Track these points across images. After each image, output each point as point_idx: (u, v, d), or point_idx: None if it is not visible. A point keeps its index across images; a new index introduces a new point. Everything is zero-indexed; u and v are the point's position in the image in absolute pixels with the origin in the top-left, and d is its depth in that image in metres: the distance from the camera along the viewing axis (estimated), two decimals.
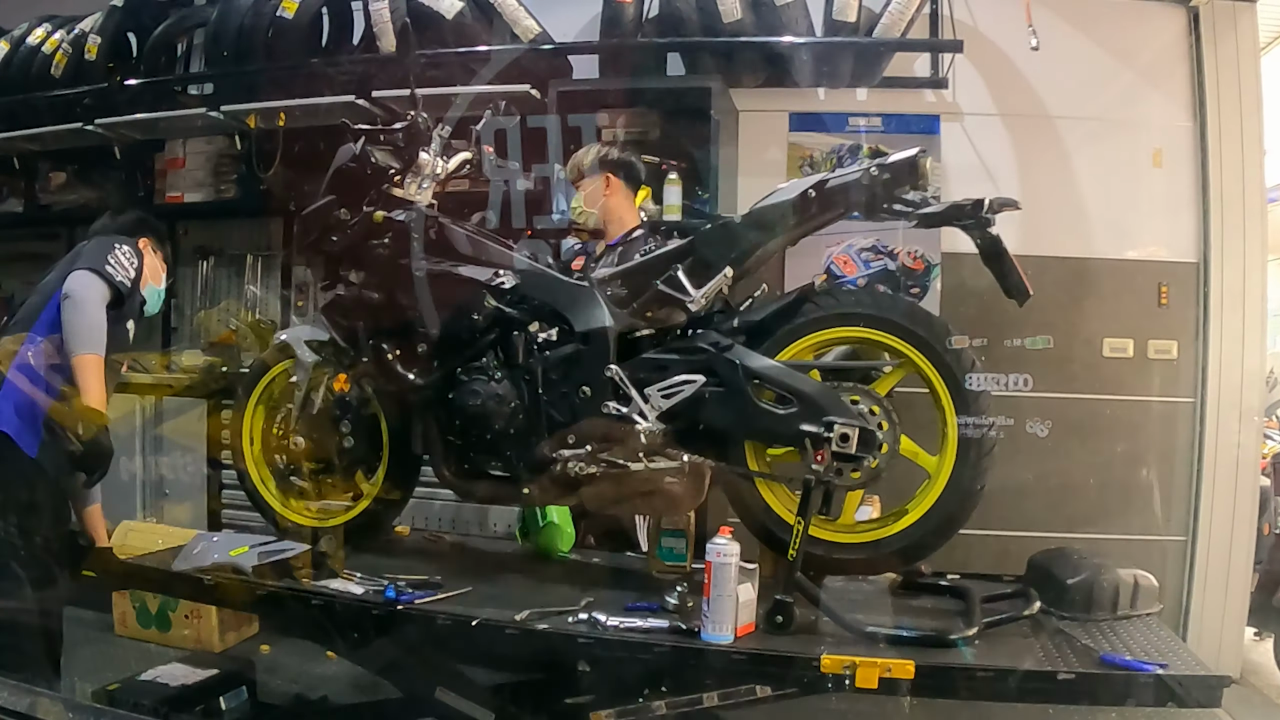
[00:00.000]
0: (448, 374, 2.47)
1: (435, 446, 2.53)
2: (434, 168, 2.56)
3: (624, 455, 2.30)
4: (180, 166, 4.36)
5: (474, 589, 2.34)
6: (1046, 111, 3.50)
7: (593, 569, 2.67)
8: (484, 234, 2.59)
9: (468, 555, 2.85)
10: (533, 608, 2.17)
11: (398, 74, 3.68)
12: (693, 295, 2.28)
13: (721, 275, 2.29)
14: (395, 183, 2.53)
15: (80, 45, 4.06)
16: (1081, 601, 2.21)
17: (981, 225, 2.18)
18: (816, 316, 2.30)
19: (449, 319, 2.46)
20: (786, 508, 2.31)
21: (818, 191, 2.24)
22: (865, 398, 2.24)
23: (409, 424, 2.57)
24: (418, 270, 2.47)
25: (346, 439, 2.66)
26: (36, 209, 4.65)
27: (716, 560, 2.01)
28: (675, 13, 3.39)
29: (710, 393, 2.26)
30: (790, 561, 2.16)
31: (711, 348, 2.27)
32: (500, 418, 2.40)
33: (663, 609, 2.18)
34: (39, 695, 1.98)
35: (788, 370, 2.25)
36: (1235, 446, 3.36)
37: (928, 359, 2.24)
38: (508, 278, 2.44)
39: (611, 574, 2.58)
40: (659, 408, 2.28)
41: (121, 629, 3.49)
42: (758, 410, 2.25)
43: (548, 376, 2.37)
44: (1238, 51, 3.41)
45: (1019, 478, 3.36)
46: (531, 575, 2.55)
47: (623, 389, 2.29)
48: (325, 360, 2.67)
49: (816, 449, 2.16)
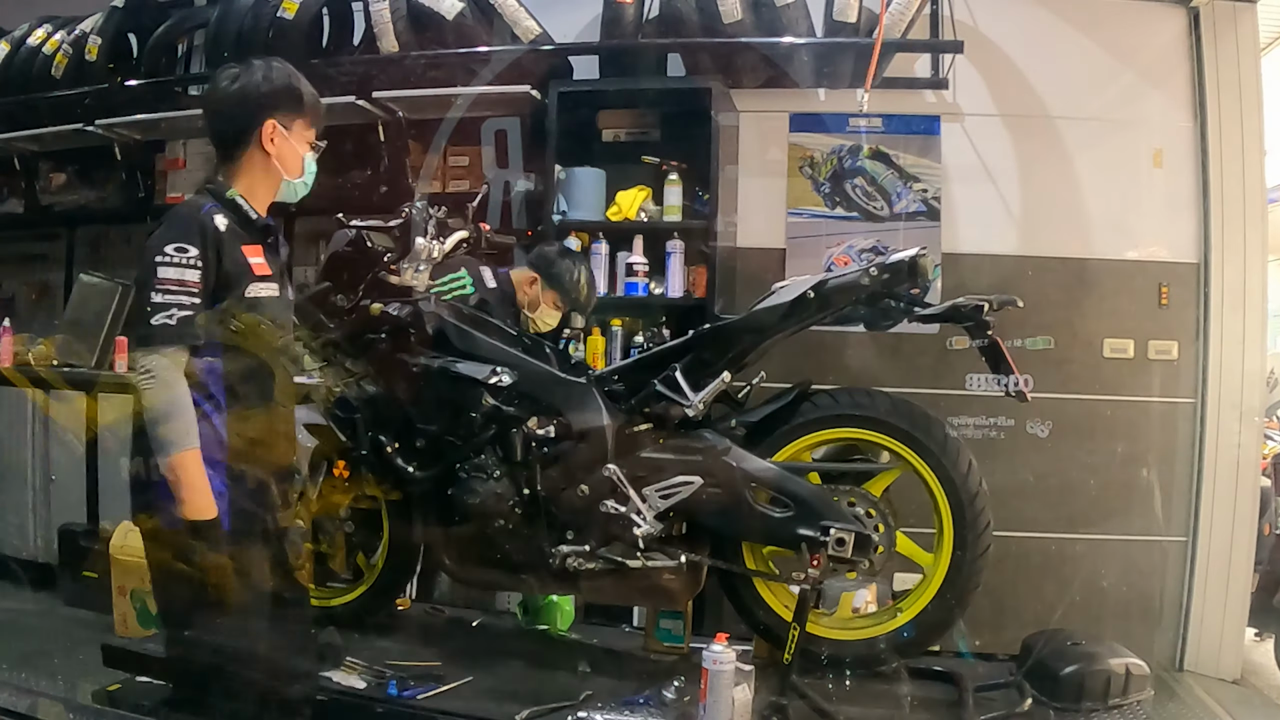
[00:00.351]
0: (446, 469, 2.47)
1: (434, 536, 2.54)
2: (430, 251, 2.54)
3: (622, 552, 2.34)
4: (181, 167, 4.37)
5: (474, 678, 2.37)
6: (1047, 112, 3.51)
7: (591, 651, 2.67)
8: (483, 325, 2.58)
9: (468, 634, 2.85)
10: (532, 700, 2.20)
11: (398, 75, 3.69)
12: (691, 400, 2.30)
13: (719, 380, 2.31)
14: (391, 269, 2.52)
15: (81, 46, 4.07)
16: (1073, 693, 2.22)
17: (981, 327, 2.20)
18: (814, 418, 2.34)
19: (447, 415, 2.46)
20: (784, 604, 2.36)
21: (816, 293, 2.26)
22: (861, 500, 2.28)
23: (408, 513, 2.58)
24: (414, 366, 2.47)
25: (346, 524, 2.67)
26: (37, 209, 4.65)
27: (713, 668, 2.04)
28: (676, 13, 3.39)
29: (708, 494, 2.28)
30: (786, 665, 2.21)
31: (709, 449, 2.30)
32: (499, 515, 2.41)
33: (660, 703, 2.21)
34: (39, 695, 1.98)
35: (785, 474, 2.28)
36: (1235, 447, 3.36)
37: (924, 461, 2.28)
38: (505, 374, 2.44)
39: (610, 658, 2.59)
40: (657, 507, 2.30)
41: (122, 630, 3.49)
42: (754, 513, 2.27)
43: (546, 474, 2.39)
44: (1238, 52, 3.41)
45: (1019, 478, 3.38)
46: (531, 660, 2.57)
47: (621, 488, 2.31)
48: (325, 445, 2.65)
49: (812, 553, 2.20)
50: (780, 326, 2.31)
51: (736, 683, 2.05)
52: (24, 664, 3.18)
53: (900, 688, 2.31)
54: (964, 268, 3.51)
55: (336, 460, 2.64)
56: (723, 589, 2.46)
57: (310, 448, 2.66)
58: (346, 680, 2.34)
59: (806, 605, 2.22)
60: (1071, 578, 3.39)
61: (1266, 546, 3.69)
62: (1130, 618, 3.37)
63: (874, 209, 3.61)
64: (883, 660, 2.35)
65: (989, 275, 3.46)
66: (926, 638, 2.34)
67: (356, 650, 2.49)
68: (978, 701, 2.25)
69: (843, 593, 2.56)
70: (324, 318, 2.57)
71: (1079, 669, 2.24)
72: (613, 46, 3.57)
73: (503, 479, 2.41)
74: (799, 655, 2.22)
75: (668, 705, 2.20)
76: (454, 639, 2.76)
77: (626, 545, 2.33)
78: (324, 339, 2.61)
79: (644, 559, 2.32)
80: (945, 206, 3.56)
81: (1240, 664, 3.39)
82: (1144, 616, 3.40)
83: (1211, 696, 3.12)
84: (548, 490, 2.38)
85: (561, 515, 2.38)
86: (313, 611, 2.70)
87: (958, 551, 2.27)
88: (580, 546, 2.35)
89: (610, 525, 2.33)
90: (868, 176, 3.61)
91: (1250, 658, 3.61)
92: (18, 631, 3.71)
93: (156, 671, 2.48)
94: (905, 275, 2.21)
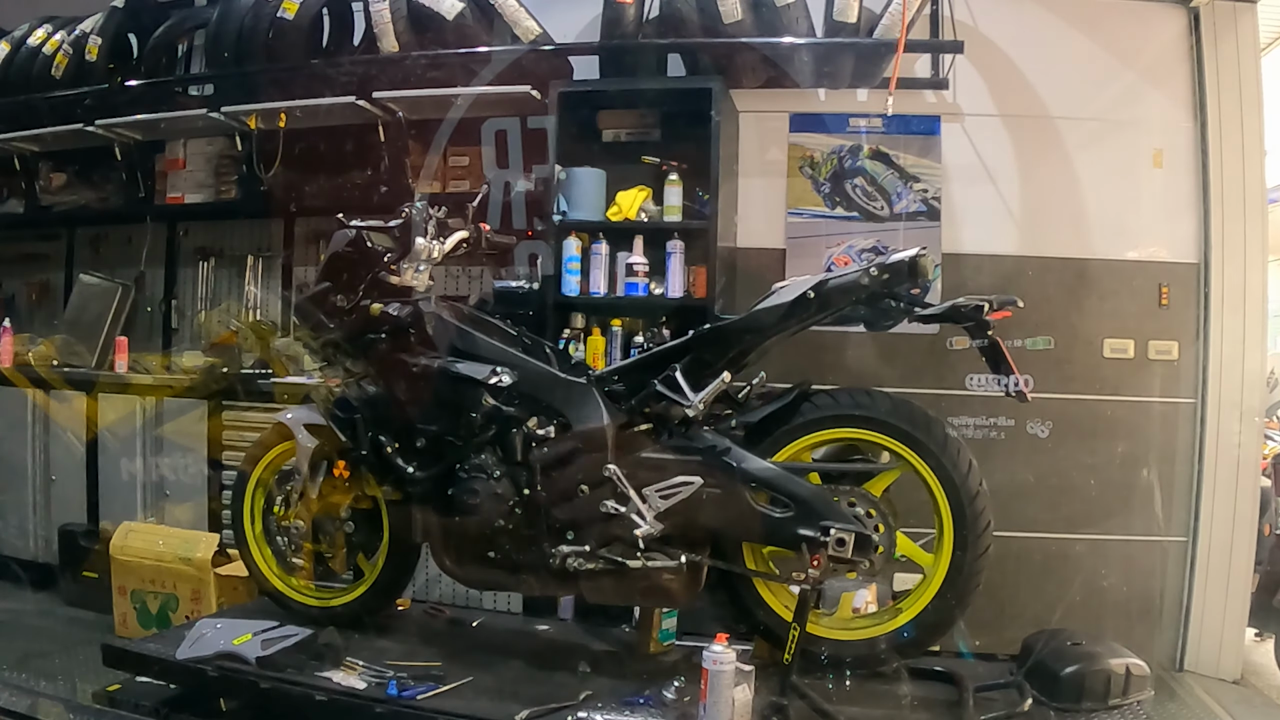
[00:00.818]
0: (446, 469, 2.48)
1: (434, 536, 2.54)
2: (430, 251, 2.55)
3: (622, 552, 2.34)
4: (181, 167, 4.37)
5: (474, 678, 2.38)
6: (1047, 112, 3.51)
7: (591, 651, 2.66)
8: (483, 325, 2.58)
9: (468, 633, 2.86)
10: (532, 700, 2.21)
11: (398, 75, 3.70)
12: (690, 400, 2.30)
13: (719, 380, 2.31)
14: (391, 269, 2.53)
15: (81, 46, 4.07)
16: (1073, 693, 2.22)
17: (982, 327, 2.20)
18: (814, 418, 2.34)
19: (447, 415, 2.46)
20: (784, 604, 2.37)
21: (816, 293, 2.27)
22: (862, 500, 2.28)
23: (408, 512, 2.58)
24: (415, 366, 2.48)
25: (346, 524, 2.68)
26: (37, 210, 4.65)
27: (713, 668, 2.04)
28: (676, 14, 3.39)
29: (708, 495, 2.29)
30: (786, 665, 2.21)
31: (709, 449, 2.30)
32: (499, 515, 2.41)
33: (660, 703, 2.21)
34: (39, 695, 1.98)
35: (785, 474, 2.28)
36: (1236, 447, 3.36)
37: (924, 461, 2.28)
38: (506, 375, 2.44)
39: (610, 658, 2.59)
40: (657, 508, 2.30)
41: (122, 630, 3.50)
42: (754, 513, 2.28)
43: (546, 474, 2.39)
44: (1238, 52, 3.41)
45: (1020, 478, 3.38)
46: (531, 660, 2.57)
47: (621, 488, 2.31)
48: (325, 445, 2.66)
49: (813, 553, 2.20)
50: (780, 327, 2.31)
51: (737, 683, 2.06)
52: (24, 664, 3.19)
53: (900, 688, 2.32)
54: (964, 268, 3.51)
55: (336, 460, 2.65)
56: (723, 589, 2.45)
57: (310, 448, 2.67)
58: (346, 680, 2.34)
59: (806, 605, 2.22)
60: (1072, 578, 3.39)
61: (1266, 546, 3.69)
62: (1130, 618, 3.37)
63: (874, 209, 3.61)
64: (883, 660, 2.35)
65: (989, 275, 3.46)
66: (927, 638, 2.34)
67: (356, 650, 2.49)
68: (978, 701, 2.25)
69: (843, 593, 2.56)
70: (324, 318, 2.58)
71: (1079, 669, 2.24)
72: (613, 46, 3.56)
73: (503, 479, 2.41)
74: (799, 655, 2.22)
75: (668, 705, 2.21)
76: (454, 639, 2.77)
77: (626, 545, 2.33)
78: (324, 339, 2.62)
79: (644, 559, 2.32)
80: (945, 206, 3.56)
81: (1240, 664, 3.39)
82: (1144, 617, 3.40)
83: (1211, 696, 3.12)
84: (548, 490, 2.38)
85: (561, 515, 2.38)
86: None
87: (958, 552, 2.27)
88: (580, 546, 2.35)
89: (610, 525, 2.33)
90: (868, 176, 3.61)
91: (1250, 658, 3.61)
92: (18, 631, 3.72)
93: (156, 671, 2.48)
94: (905, 275, 2.22)
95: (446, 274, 3.90)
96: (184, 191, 4.36)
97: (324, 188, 4.10)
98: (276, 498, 2.77)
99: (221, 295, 4.37)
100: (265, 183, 4.10)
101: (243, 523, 2.82)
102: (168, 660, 2.47)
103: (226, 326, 4.16)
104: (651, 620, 2.61)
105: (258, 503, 2.83)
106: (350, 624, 2.67)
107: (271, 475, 2.81)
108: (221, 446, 3.84)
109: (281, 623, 2.59)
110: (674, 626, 2.64)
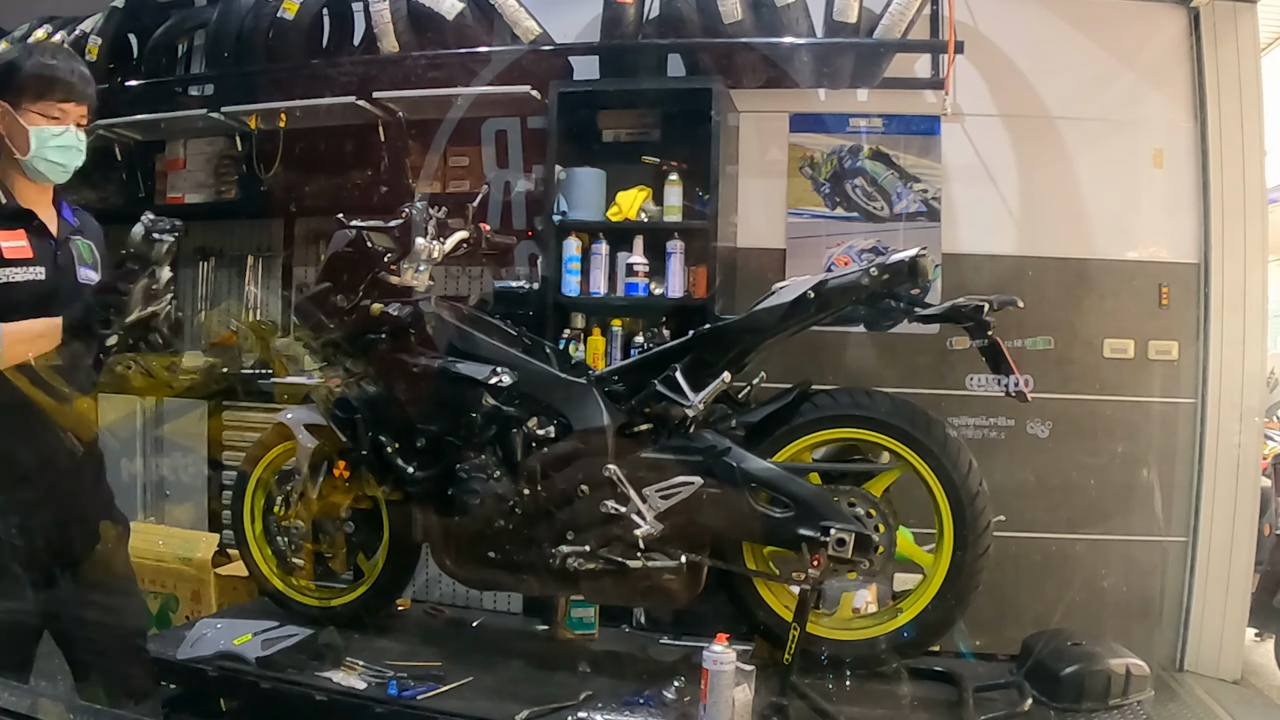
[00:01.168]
0: (447, 469, 2.48)
1: (435, 536, 2.55)
2: (430, 252, 2.55)
3: (622, 552, 2.34)
4: (181, 167, 4.36)
5: (474, 678, 2.38)
6: (1047, 112, 3.50)
7: (591, 651, 2.67)
8: (483, 325, 2.59)
9: (468, 633, 2.87)
10: (532, 700, 2.22)
11: (398, 75, 3.70)
12: (691, 400, 2.31)
13: (719, 381, 2.32)
14: (391, 269, 2.53)
15: (81, 46, 4.06)
16: (1073, 693, 2.23)
17: (981, 327, 2.20)
18: (814, 418, 2.34)
19: (447, 415, 2.47)
20: (784, 604, 2.37)
21: (816, 293, 2.27)
22: (862, 500, 2.29)
23: (408, 512, 2.59)
24: (415, 366, 2.48)
25: (346, 524, 2.69)
26: None
27: (713, 668, 2.05)
28: (676, 14, 3.39)
29: (708, 494, 2.29)
30: (786, 665, 2.22)
31: (710, 449, 2.31)
32: (499, 515, 2.41)
33: (660, 703, 2.22)
34: (39, 695, 1.97)
35: (785, 474, 2.29)
36: (1236, 447, 3.36)
37: (924, 461, 2.28)
38: (506, 375, 2.44)
39: (610, 658, 2.60)
40: (657, 508, 2.30)
41: None
42: (755, 513, 2.28)
43: (546, 474, 2.39)
44: (1238, 52, 3.41)
45: (1020, 478, 3.38)
46: (531, 660, 2.58)
47: (621, 488, 2.31)
48: (325, 445, 2.67)
49: (813, 553, 2.21)
50: (780, 327, 2.32)
51: (737, 683, 2.06)
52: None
53: (900, 688, 2.32)
54: (964, 268, 3.51)
55: (336, 460, 2.65)
56: (723, 589, 2.45)
57: (310, 448, 2.67)
58: (346, 680, 2.34)
59: (807, 605, 2.23)
60: (1072, 578, 3.39)
61: (1266, 546, 3.70)
62: (1130, 618, 3.36)
63: (874, 209, 3.61)
64: (883, 660, 2.35)
65: (989, 275, 3.45)
66: (927, 638, 2.35)
67: (356, 650, 2.50)
68: (978, 702, 2.25)
69: (843, 593, 2.56)
70: (324, 318, 2.58)
71: (1079, 669, 2.24)
72: (613, 46, 3.56)
73: (503, 479, 2.41)
74: (799, 655, 2.23)
75: (668, 705, 2.21)
76: (454, 639, 2.77)
77: (627, 545, 2.33)
78: (324, 339, 2.62)
79: (644, 559, 2.32)
80: (945, 207, 3.56)
81: (1240, 664, 3.39)
82: (1144, 616, 3.40)
83: (1211, 696, 3.12)
84: (548, 490, 2.38)
85: (561, 515, 2.38)
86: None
87: (958, 552, 2.27)
88: (580, 546, 2.35)
89: (610, 525, 2.33)
90: (868, 177, 3.61)
91: (1250, 658, 3.61)
92: None
93: (157, 671, 2.48)
94: (905, 275, 2.22)
95: (446, 274, 3.89)
96: (184, 191, 4.35)
97: (324, 188, 4.09)
98: (276, 498, 2.77)
99: (221, 295, 4.37)
100: (265, 183, 4.10)
101: (243, 523, 2.82)
102: (168, 660, 2.48)
103: (227, 326, 4.16)
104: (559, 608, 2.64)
105: (258, 503, 2.84)
106: (350, 624, 2.67)
107: (272, 475, 2.81)
108: (221, 446, 3.84)
109: (281, 623, 2.59)
110: (591, 616, 2.65)
